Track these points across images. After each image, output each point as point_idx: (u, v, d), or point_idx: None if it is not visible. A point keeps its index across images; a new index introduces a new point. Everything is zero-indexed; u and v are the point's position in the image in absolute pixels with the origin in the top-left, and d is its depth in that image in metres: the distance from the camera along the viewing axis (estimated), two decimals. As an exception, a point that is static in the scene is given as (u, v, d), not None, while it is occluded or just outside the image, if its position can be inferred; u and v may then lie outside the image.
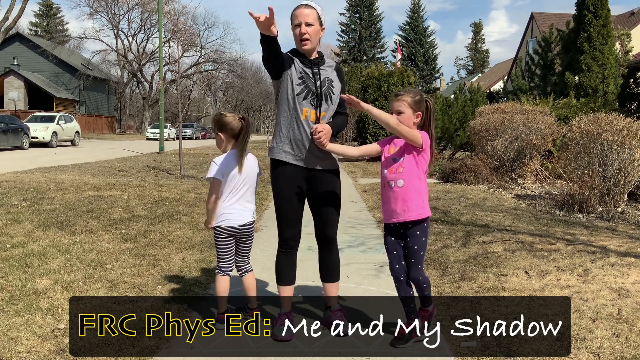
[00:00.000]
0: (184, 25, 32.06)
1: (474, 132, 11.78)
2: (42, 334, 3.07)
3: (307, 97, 3.14)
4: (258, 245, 5.57)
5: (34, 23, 70.38)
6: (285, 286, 3.30)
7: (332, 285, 3.40)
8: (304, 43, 3.13)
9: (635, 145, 7.19)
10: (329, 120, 3.28)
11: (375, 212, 7.61)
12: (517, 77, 22.91)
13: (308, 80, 3.15)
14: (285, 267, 3.28)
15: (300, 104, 3.14)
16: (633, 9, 32.12)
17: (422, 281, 3.09)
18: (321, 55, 3.28)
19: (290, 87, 3.13)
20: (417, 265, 3.05)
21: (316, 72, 3.19)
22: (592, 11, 16.64)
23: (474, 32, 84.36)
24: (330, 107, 3.22)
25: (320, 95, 3.17)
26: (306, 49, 3.15)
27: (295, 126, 3.15)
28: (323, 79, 3.20)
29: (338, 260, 3.41)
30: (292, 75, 3.13)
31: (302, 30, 3.10)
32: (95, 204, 7.46)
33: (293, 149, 3.18)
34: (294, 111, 3.15)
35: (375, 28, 54.24)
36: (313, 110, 3.15)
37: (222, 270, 3.30)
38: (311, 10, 3.12)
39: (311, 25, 3.11)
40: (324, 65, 3.26)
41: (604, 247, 5.11)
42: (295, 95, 3.13)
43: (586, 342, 3.05)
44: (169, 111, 46.17)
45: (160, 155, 19.13)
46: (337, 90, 3.25)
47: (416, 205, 3.02)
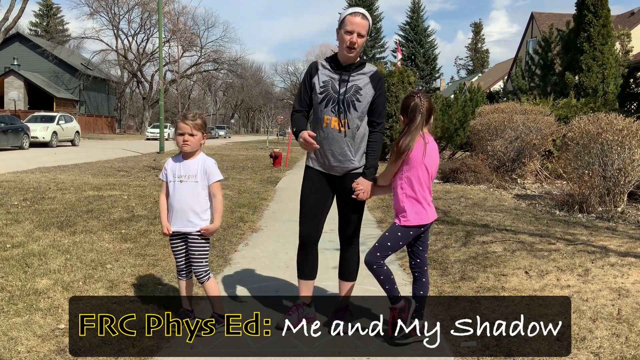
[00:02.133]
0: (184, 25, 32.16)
1: (474, 132, 11.78)
2: (42, 334, 3.07)
3: (329, 104, 3.17)
4: (258, 245, 5.57)
5: (34, 23, 70.42)
6: (302, 280, 3.42)
7: (345, 284, 3.46)
8: (350, 51, 3.14)
9: (635, 145, 7.19)
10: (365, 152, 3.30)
11: (375, 212, 7.61)
12: (517, 77, 22.91)
13: (331, 86, 3.18)
14: (301, 261, 3.41)
15: (322, 111, 3.19)
16: (633, 9, 32.12)
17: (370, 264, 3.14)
18: (361, 62, 3.24)
19: (314, 96, 3.22)
20: (373, 247, 3.14)
21: (344, 78, 3.18)
22: (592, 11, 16.64)
23: (474, 32, 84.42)
24: (355, 114, 3.17)
25: (342, 102, 3.15)
26: (351, 56, 3.16)
27: (319, 134, 3.21)
28: (350, 86, 3.17)
29: (356, 261, 3.46)
30: (315, 84, 3.22)
31: (353, 40, 3.10)
32: (95, 204, 7.46)
33: (317, 157, 3.28)
34: (317, 119, 3.23)
35: (375, 28, 54.20)
36: (335, 117, 3.16)
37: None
38: (366, 22, 3.12)
39: (362, 37, 3.13)
40: (359, 72, 3.22)
41: (604, 247, 5.11)
42: (318, 103, 3.20)
43: (586, 342, 3.05)
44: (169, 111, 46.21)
45: (160, 155, 19.13)
46: (365, 97, 3.18)
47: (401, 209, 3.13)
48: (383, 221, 6.88)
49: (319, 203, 3.32)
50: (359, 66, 3.23)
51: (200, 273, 3.26)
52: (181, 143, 3.19)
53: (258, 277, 4.41)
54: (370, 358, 2.90)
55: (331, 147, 3.20)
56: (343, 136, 3.17)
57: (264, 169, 14.47)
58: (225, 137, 55.68)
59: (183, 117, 3.22)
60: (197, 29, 54.21)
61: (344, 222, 3.39)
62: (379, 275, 3.09)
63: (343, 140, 3.18)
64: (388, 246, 3.10)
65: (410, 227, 3.07)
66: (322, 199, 3.32)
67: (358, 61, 3.24)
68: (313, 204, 3.32)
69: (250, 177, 12.12)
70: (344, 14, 3.19)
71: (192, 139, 3.18)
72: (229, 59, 56.72)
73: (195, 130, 3.18)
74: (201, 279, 3.27)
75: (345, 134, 3.17)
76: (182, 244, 3.27)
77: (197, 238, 3.21)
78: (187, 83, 60.36)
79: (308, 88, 3.27)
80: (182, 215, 3.19)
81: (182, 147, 3.21)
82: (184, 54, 50.19)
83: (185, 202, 3.18)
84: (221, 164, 14.50)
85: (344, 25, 3.14)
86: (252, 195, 8.95)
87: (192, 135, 3.18)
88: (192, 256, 3.25)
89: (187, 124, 3.18)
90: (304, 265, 3.41)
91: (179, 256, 3.30)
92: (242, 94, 74.79)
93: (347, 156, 3.21)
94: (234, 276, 4.41)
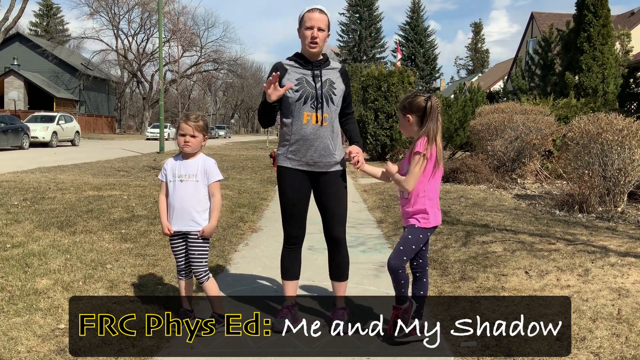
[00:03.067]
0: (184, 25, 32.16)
1: (474, 132, 11.77)
2: (42, 334, 3.07)
3: (307, 101, 3.18)
4: (258, 245, 5.57)
5: (34, 23, 70.43)
6: (288, 281, 3.39)
7: (339, 284, 3.45)
8: (313, 46, 3.18)
9: (635, 145, 7.19)
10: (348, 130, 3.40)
11: (375, 212, 7.61)
12: (517, 77, 22.91)
13: (307, 83, 3.20)
14: (288, 262, 3.39)
15: (300, 109, 3.19)
16: (633, 9, 32.12)
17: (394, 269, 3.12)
18: (325, 57, 3.31)
19: (289, 96, 3.18)
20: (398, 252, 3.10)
21: (317, 74, 3.23)
22: (592, 11, 16.63)
23: (474, 32, 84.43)
24: (332, 108, 3.25)
25: (321, 97, 3.20)
26: (314, 52, 3.21)
27: (298, 132, 3.20)
28: (324, 80, 3.23)
29: (346, 260, 3.45)
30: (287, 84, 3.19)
31: (314, 34, 3.16)
32: (95, 204, 7.46)
33: (297, 155, 3.24)
34: (296, 118, 3.20)
35: (375, 28, 54.22)
36: (314, 113, 3.19)
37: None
38: (324, 16, 3.19)
39: (322, 31, 3.19)
40: (327, 67, 3.29)
41: (604, 247, 5.11)
42: (295, 101, 3.18)
43: (586, 342, 3.05)
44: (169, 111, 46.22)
45: (160, 155, 19.13)
46: (339, 92, 3.28)
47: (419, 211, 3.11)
48: (383, 221, 6.88)
49: (302, 202, 3.32)
50: (326, 61, 3.30)
51: (199, 273, 3.26)
52: (182, 144, 3.19)
53: (258, 277, 4.41)
54: (370, 358, 2.90)
55: (314, 143, 3.20)
56: (324, 130, 3.21)
57: (264, 169, 14.47)
58: (225, 137, 55.71)
59: (185, 118, 3.22)
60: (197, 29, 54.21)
61: (331, 220, 3.34)
62: (401, 280, 3.10)
63: (324, 134, 3.21)
64: (413, 249, 3.12)
65: (429, 228, 3.10)
66: (303, 199, 3.32)
67: (323, 57, 3.29)
68: (296, 204, 3.30)
69: (250, 177, 12.12)
70: (302, 12, 3.23)
71: (194, 140, 3.18)
72: (229, 59, 56.72)
73: (197, 132, 3.18)
74: (200, 279, 3.27)
75: (326, 128, 3.22)
76: (182, 244, 3.27)
77: (197, 238, 3.21)
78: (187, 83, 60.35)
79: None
80: (183, 214, 3.19)
81: (183, 148, 3.21)
82: (184, 54, 50.16)
83: (186, 201, 3.18)
84: (221, 164, 14.50)
85: (303, 23, 3.19)
86: (252, 195, 8.95)
87: (193, 137, 3.18)
88: (192, 256, 3.24)
89: (189, 125, 3.18)
90: (291, 266, 3.40)
91: (179, 256, 3.30)
92: (242, 94, 74.83)
93: (329, 150, 3.23)
94: (234, 276, 4.41)
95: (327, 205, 3.32)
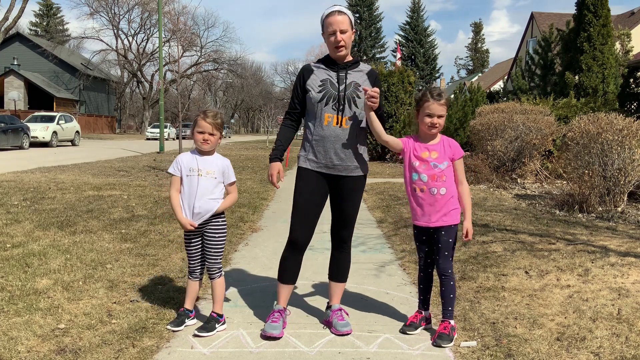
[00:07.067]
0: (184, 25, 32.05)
1: (474, 132, 11.78)
2: (42, 334, 3.07)
3: (329, 102, 3.13)
4: (258, 245, 5.57)
5: (34, 23, 70.41)
6: (286, 285, 3.30)
7: (338, 285, 3.40)
8: (339, 50, 3.13)
9: (635, 145, 7.19)
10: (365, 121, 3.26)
11: (375, 212, 7.61)
12: (517, 77, 22.89)
13: (330, 85, 3.15)
14: (290, 266, 3.28)
15: (322, 110, 3.14)
16: (633, 9, 32.10)
17: (452, 274, 3.19)
18: (356, 60, 3.25)
19: (312, 96, 3.15)
20: (448, 258, 3.16)
21: (342, 75, 3.16)
22: (592, 11, 16.63)
23: (474, 32, 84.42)
24: (356, 110, 3.16)
25: (343, 99, 3.13)
26: (341, 55, 3.16)
27: (319, 133, 3.15)
28: (349, 82, 3.16)
29: (349, 262, 3.42)
30: (311, 85, 3.16)
31: (338, 39, 3.10)
32: (95, 203, 7.47)
33: (317, 157, 3.18)
34: (317, 119, 3.16)
35: (375, 28, 54.25)
36: (335, 114, 3.13)
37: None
38: (344, 16, 3.12)
39: (345, 32, 3.12)
40: (355, 69, 3.22)
41: (604, 246, 5.11)
42: (317, 101, 3.14)
43: (586, 342, 3.05)
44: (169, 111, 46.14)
45: (160, 155, 19.13)
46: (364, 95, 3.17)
47: (454, 212, 3.15)
48: (383, 221, 6.88)
49: (316, 206, 3.23)
50: (355, 64, 3.23)
51: (214, 269, 3.26)
52: (201, 141, 3.18)
53: (258, 277, 4.41)
54: (370, 358, 2.90)
55: (334, 145, 3.14)
56: (345, 133, 3.14)
57: (264, 169, 14.47)
58: (225, 137, 55.72)
59: (204, 115, 3.20)
60: (197, 29, 54.12)
61: (341, 223, 3.31)
62: (450, 282, 3.16)
63: (345, 137, 3.14)
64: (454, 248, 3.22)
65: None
66: (319, 202, 3.24)
67: (352, 59, 3.24)
68: (311, 208, 3.20)
69: (250, 177, 12.12)
70: (321, 19, 3.18)
71: (212, 138, 3.19)
72: (229, 59, 56.74)
73: (216, 130, 3.20)
74: (213, 274, 3.26)
75: (347, 130, 3.14)
76: (199, 242, 3.26)
77: (217, 222, 3.22)
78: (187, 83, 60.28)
79: (300, 91, 3.23)
80: (201, 207, 3.18)
81: (201, 146, 3.20)
82: (184, 54, 50.13)
83: (205, 195, 3.18)
84: (221, 164, 14.46)
85: (325, 29, 3.15)
86: (252, 195, 8.95)
87: (212, 135, 3.19)
88: (210, 247, 3.23)
89: (208, 122, 3.17)
90: (291, 270, 3.28)
91: (194, 256, 3.28)
92: (242, 93, 74.78)
93: (349, 153, 3.17)
94: (234, 276, 4.41)
95: (341, 207, 3.27)
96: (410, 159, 3.15)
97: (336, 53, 3.15)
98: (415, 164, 3.13)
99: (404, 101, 18.57)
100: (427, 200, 3.12)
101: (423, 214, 3.15)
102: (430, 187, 3.09)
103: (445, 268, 3.15)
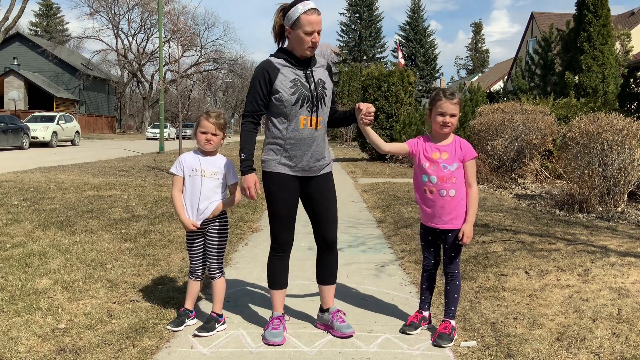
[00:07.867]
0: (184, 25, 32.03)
1: (474, 132, 11.77)
2: (42, 334, 3.07)
3: (304, 104, 3.00)
4: (258, 245, 5.57)
5: (34, 23, 70.39)
6: (278, 290, 3.23)
7: (329, 287, 3.32)
8: (312, 50, 3.03)
9: (635, 145, 7.19)
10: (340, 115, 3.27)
11: (375, 212, 7.61)
12: (517, 77, 22.90)
13: (301, 85, 3.01)
14: (278, 270, 3.21)
15: (297, 112, 3.00)
16: (633, 9, 32.10)
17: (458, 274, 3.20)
18: (312, 55, 3.14)
19: (284, 99, 2.99)
20: (456, 258, 3.18)
21: (309, 74, 3.06)
22: (592, 11, 16.63)
23: (474, 32, 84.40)
24: (326, 110, 3.12)
25: (316, 100, 3.04)
26: (310, 54, 3.06)
27: (294, 136, 3.03)
28: (317, 81, 3.07)
29: (337, 262, 3.35)
30: (282, 87, 2.99)
31: (315, 40, 2.96)
32: (95, 203, 7.47)
33: (293, 161, 3.07)
34: (291, 121, 3.01)
35: (375, 28, 54.27)
36: (310, 116, 3.03)
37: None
38: (321, 16, 3.00)
39: (319, 32, 3.01)
40: (316, 66, 3.12)
41: (604, 246, 5.11)
42: (291, 105, 2.98)
43: (586, 342, 3.05)
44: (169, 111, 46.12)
45: (160, 155, 19.14)
46: (329, 91, 3.14)
47: (463, 213, 3.11)
48: (383, 221, 6.88)
49: (294, 210, 3.16)
50: (313, 58, 3.11)
51: (215, 269, 3.26)
52: (204, 141, 3.18)
53: (258, 277, 4.41)
54: (370, 358, 2.90)
55: (310, 148, 3.05)
56: (320, 134, 3.09)
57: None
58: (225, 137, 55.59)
59: (207, 115, 3.20)
60: (197, 29, 54.04)
61: (325, 222, 3.19)
62: (456, 282, 3.18)
63: (320, 137, 3.09)
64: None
65: None
66: (296, 205, 3.17)
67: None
68: (290, 213, 3.13)
69: (250, 177, 12.09)
70: (295, 12, 2.94)
71: (215, 138, 3.19)
72: (229, 59, 56.71)
73: (219, 130, 3.20)
74: (214, 275, 3.27)
75: (321, 131, 3.10)
76: (201, 242, 3.28)
77: (219, 222, 3.25)
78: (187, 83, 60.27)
79: (267, 91, 3.01)
80: (204, 206, 3.19)
81: (204, 146, 3.19)
82: (184, 54, 50.12)
83: (208, 196, 3.19)
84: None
85: (301, 26, 2.93)
86: (252, 195, 8.93)
87: (215, 135, 3.18)
88: (211, 246, 3.25)
89: (211, 122, 3.17)
90: (281, 275, 3.20)
91: (196, 256, 3.29)
92: (242, 94, 74.62)
93: (322, 153, 3.13)
94: (233, 276, 4.41)
95: (320, 208, 3.17)
96: (420, 160, 3.12)
97: (307, 52, 3.00)
98: (425, 165, 3.10)
99: (404, 101, 18.57)
100: (437, 202, 3.08)
101: (433, 215, 3.12)
102: (439, 189, 3.06)
103: (452, 268, 3.16)
